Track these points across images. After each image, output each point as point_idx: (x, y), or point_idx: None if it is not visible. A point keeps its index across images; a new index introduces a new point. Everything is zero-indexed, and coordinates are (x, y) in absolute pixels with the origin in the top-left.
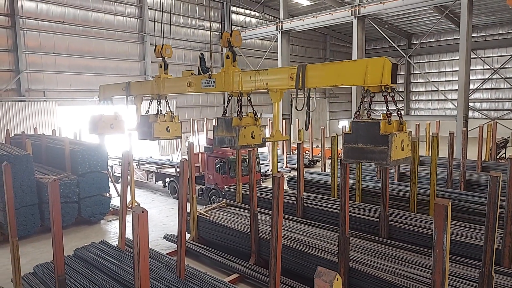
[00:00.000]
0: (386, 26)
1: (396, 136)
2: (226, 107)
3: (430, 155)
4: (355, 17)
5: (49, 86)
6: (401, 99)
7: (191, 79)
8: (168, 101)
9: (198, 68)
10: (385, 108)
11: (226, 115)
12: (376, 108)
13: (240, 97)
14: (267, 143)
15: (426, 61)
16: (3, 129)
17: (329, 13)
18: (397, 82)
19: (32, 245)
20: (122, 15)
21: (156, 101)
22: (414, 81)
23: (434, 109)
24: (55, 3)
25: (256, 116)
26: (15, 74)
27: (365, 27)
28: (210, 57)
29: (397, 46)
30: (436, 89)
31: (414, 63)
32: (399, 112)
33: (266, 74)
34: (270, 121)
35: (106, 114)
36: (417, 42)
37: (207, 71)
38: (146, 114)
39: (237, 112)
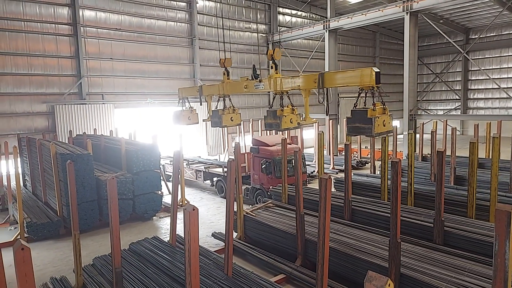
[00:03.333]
0: (441, 21)
1: (378, 118)
2: (272, 102)
3: (490, 157)
4: (407, 12)
5: (107, 90)
6: (458, 97)
7: (246, 83)
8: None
9: (251, 75)
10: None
11: (272, 108)
12: (431, 107)
13: (282, 95)
14: (305, 126)
15: (486, 57)
16: (67, 130)
17: (379, 10)
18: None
19: (91, 239)
20: (173, 20)
21: (222, 99)
22: (472, 78)
23: (495, 108)
24: (113, 11)
25: (293, 107)
26: (77, 79)
27: (418, 23)
28: (259, 67)
29: (454, 41)
30: (497, 87)
31: (472, 59)
32: (383, 102)
33: (298, 79)
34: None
35: (185, 109)
36: (476, 37)
37: (258, 77)
38: (216, 109)
39: (280, 105)
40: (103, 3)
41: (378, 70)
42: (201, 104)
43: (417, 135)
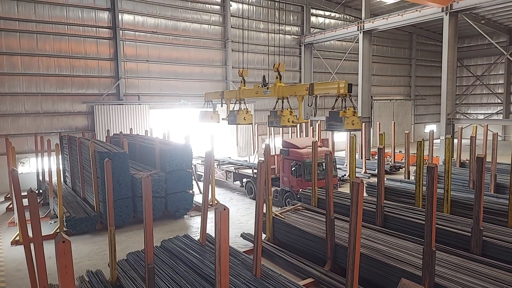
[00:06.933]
0: (482, 22)
1: (348, 118)
2: (276, 104)
3: None
4: (446, 13)
5: (143, 91)
6: (500, 101)
7: (257, 89)
8: (246, 103)
9: (261, 83)
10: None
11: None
12: (471, 111)
13: (283, 100)
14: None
15: None
16: (105, 129)
17: (417, 10)
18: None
19: (125, 235)
20: (207, 23)
21: (238, 102)
22: None
23: None
24: (150, 15)
25: (291, 110)
26: (115, 80)
27: (458, 23)
28: (268, 77)
29: (496, 43)
30: None
31: None
32: (354, 106)
33: (295, 87)
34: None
35: (208, 110)
36: None
37: (266, 85)
38: (233, 110)
39: (281, 108)
40: (141, 7)
41: (351, 83)
42: (222, 106)
43: (455, 140)
